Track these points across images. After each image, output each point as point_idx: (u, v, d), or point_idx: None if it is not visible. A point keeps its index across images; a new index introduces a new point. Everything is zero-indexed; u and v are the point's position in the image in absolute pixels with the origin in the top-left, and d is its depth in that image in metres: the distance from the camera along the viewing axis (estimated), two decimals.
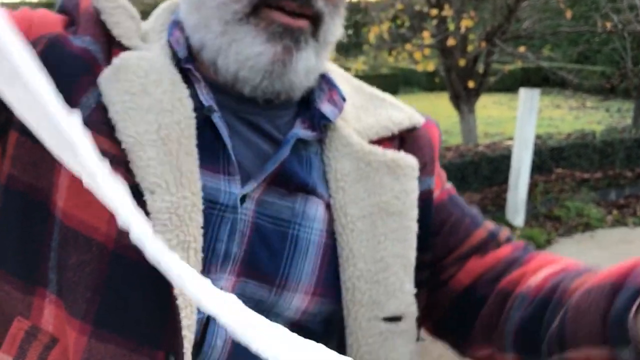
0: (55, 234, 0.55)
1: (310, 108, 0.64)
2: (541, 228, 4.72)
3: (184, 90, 0.58)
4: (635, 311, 0.46)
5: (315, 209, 0.61)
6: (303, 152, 0.63)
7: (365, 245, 0.60)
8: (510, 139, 5.70)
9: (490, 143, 5.71)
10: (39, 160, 0.56)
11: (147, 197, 0.53)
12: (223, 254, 0.56)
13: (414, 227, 0.63)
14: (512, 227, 4.69)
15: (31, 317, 0.57)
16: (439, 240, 0.68)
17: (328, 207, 0.62)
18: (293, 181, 0.60)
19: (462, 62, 5.81)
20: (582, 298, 0.53)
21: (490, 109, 12.06)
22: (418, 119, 0.69)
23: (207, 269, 0.56)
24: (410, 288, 0.62)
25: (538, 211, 5.00)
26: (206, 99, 0.59)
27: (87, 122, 0.56)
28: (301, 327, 0.60)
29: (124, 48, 0.60)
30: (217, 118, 0.58)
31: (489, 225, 0.71)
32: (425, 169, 0.68)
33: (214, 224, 0.56)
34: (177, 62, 0.61)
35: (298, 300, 0.59)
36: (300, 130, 0.61)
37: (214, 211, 0.56)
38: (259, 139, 0.61)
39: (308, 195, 0.61)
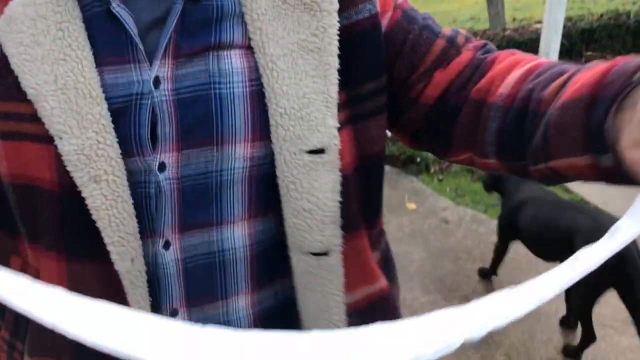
0: (9, 196, 0.63)
1: None
2: None
3: (72, 33, 0.59)
4: (609, 124, 0.50)
5: (229, 63, 0.61)
6: (213, 2, 0.62)
7: (288, 83, 0.61)
8: (539, 22, 5.51)
9: (518, 27, 5.54)
10: None
11: (57, 142, 0.58)
12: (148, 137, 0.60)
13: (334, 63, 0.63)
14: None
15: (21, 256, 0.68)
16: (402, 60, 0.69)
17: (249, 52, 0.63)
18: (193, 46, 0.60)
19: None
20: (561, 114, 0.56)
21: None
22: None
23: (140, 154, 0.60)
24: (332, 122, 0.63)
25: None
26: None
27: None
28: (258, 174, 0.64)
29: None
30: (117, 8, 0.59)
31: (447, 31, 0.72)
32: None
33: (134, 115, 0.59)
34: None
35: (241, 149, 0.62)
36: None
37: (131, 103, 0.59)
38: (166, 16, 0.61)
39: (218, 51, 0.61)
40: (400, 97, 0.70)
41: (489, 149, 0.66)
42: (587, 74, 0.55)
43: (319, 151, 0.63)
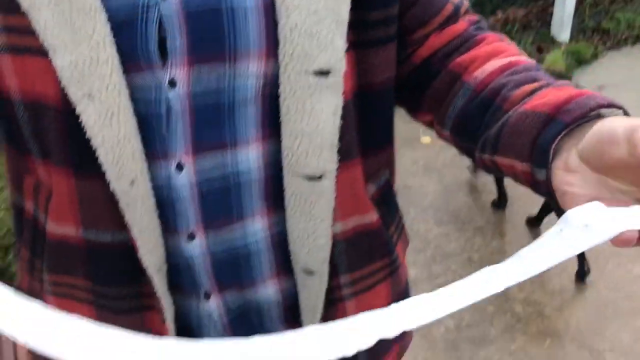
0: (20, 112, 0.63)
1: None
2: (588, 42, 4.56)
3: None
4: (556, 144, 0.55)
5: None
6: None
7: None
8: None
9: None
10: None
11: (51, 55, 0.56)
12: (156, 50, 0.58)
13: None
14: (557, 42, 4.55)
15: (33, 175, 0.68)
16: (415, 10, 0.70)
17: None
18: None
19: None
20: (520, 119, 0.60)
21: None
22: None
23: (149, 67, 0.59)
24: (340, 44, 0.61)
25: (585, 25, 4.79)
26: None
27: None
28: (271, 93, 0.63)
29: None
30: None
31: None
32: None
33: (140, 27, 0.58)
34: None
35: (254, 66, 0.60)
36: None
37: (137, 14, 0.57)
38: None
39: None
40: (399, 50, 0.71)
41: (448, 122, 0.70)
42: (556, 92, 0.59)
43: (325, 73, 0.61)
